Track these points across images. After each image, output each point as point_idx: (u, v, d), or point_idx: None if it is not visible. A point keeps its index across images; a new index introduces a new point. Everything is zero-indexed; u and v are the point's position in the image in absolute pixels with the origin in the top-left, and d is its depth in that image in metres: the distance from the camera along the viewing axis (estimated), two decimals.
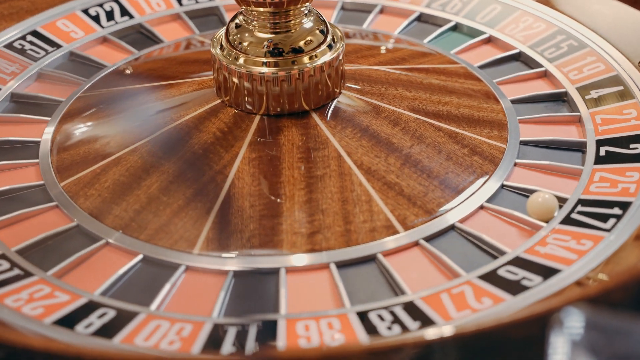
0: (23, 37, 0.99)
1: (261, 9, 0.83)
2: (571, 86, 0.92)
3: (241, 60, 0.83)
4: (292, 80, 0.82)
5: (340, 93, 0.86)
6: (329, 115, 0.84)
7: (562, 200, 0.79)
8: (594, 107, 0.89)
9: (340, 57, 0.85)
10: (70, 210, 0.79)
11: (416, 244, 0.76)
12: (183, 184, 0.79)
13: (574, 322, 0.54)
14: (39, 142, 0.87)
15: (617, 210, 0.77)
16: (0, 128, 0.89)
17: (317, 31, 0.84)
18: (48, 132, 0.87)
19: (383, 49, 0.97)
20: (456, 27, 1.03)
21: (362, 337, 0.67)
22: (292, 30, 0.83)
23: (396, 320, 0.69)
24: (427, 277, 0.74)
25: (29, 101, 0.93)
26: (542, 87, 0.94)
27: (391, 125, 0.84)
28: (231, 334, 0.67)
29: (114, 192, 0.79)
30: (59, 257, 0.75)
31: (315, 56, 0.83)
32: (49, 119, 0.90)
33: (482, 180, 0.81)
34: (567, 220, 0.77)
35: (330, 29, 0.85)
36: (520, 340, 0.60)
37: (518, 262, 0.74)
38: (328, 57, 0.84)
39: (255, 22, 0.83)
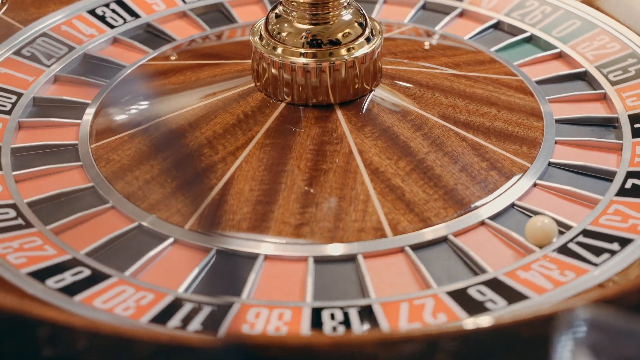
0: (107, 5, 1.04)
1: (300, 0, 0.84)
2: (624, 113, 0.89)
3: (279, 50, 0.84)
4: (324, 72, 0.83)
5: (371, 90, 0.86)
6: (352, 112, 0.84)
7: (567, 228, 0.77)
8: (638, 137, 0.86)
9: (377, 52, 0.85)
10: (90, 172, 0.83)
11: (401, 250, 0.76)
12: (196, 160, 0.82)
13: (579, 322, 0.53)
14: (88, 104, 0.91)
15: (615, 246, 0.75)
16: (61, 87, 0.94)
17: (356, 24, 0.85)
18: (99, 96, 0.92)
19: (427, 45, 0.96)
20: (531, 39, 1.01)
21: (304, 332, 0.68)
22: (331, 22, 0.84)
23: (345, 321, 0.69)
24: (399, 284, 0.73)
25: (99, 63, 0.97)
26: (596, 110, 0.91)
27: (414, 129, 0.84)
28: (184, 310, 0.70)
29: (133, 159, 0.83)
30: (64, 215, 0.79)
31: (353, 48, 0.84)
32: (106, 81, 0.94)
33: (492, 196, 0.80)
34: (563, 249, 0.75)
35: (369, 22, 0.86)
36: (530, 339, 0.60)
37: (493, 283, 0.72)
38: (365, 50, 0.84)
39: (294, 12, 0.85)
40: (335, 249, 0.75)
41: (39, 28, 1.00)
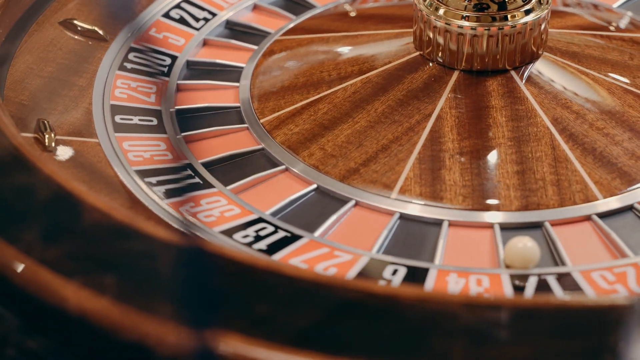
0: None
1: None
2: None
3: (441, 12, 0.84)
4: (490, 38, 0.82)
5: (506, 68, 0.83)
6: (469, 81, 0.83)
7: (563, 265, 0.70)
8: None
9: (541, 25, 0.82)
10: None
11: (391, 214, 0.75)
12: (322, 74, 0.87)
13: None
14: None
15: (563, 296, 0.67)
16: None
17: None
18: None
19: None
20: None
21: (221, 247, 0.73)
22: None
23: (257, 237, 0.73)
24: (356, 238, 0.74)
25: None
26: None
27: (509, 118, 0.80)
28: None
29: (279, 86, 0.89)
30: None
31: (515, 16, 0.82)
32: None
33: (523, 208, 0.75)
34: (522, 278, 0.69)
35: None
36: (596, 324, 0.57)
37: (411, 272, 0.70)
38: (527, 19, 0.82)
39: None
40: (335, 185, 0.77)
41: None
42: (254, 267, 0.59)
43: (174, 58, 0.92)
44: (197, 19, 0.97)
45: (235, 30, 0.98)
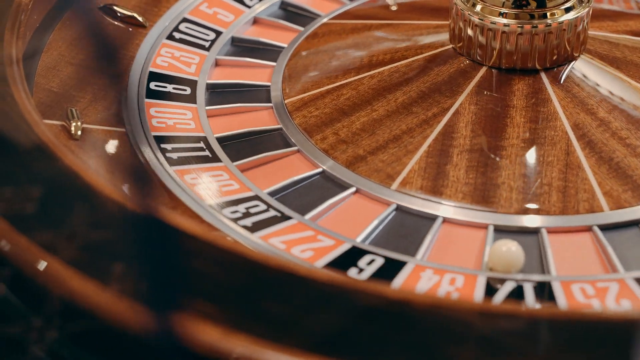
0: None
1: None
2: None
3: (478, 8, 0.82)
4: (521, 35, 0.80)
5: (537, 68, 0.80)
6: (497, 78, 0.80)
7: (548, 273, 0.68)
8: None
9: (580, 25, 0.79)
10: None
11: (387, 204, 0.75)
12: (353, 61, 0.87)
13: None
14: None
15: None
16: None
17: None
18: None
19: None
20: None
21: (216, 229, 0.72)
22: None
23: (245, 214, 0.73)
24: (349, 226, 0.73)
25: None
26: None
27: (528, 120, 0.77)
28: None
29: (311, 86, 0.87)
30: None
31: (554, 14, 0.80)
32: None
33: (518, 212, 0.72)
34: (500, 281, 0.67)
35: None
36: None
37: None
38: (569, 16, 0.79)
39: None
40: (342, 173, 0.76)
41: None
42: (266, 267, 0.58)
43: (218, 33, 0.93)
44: None
45: (289, 11, 0.98)
